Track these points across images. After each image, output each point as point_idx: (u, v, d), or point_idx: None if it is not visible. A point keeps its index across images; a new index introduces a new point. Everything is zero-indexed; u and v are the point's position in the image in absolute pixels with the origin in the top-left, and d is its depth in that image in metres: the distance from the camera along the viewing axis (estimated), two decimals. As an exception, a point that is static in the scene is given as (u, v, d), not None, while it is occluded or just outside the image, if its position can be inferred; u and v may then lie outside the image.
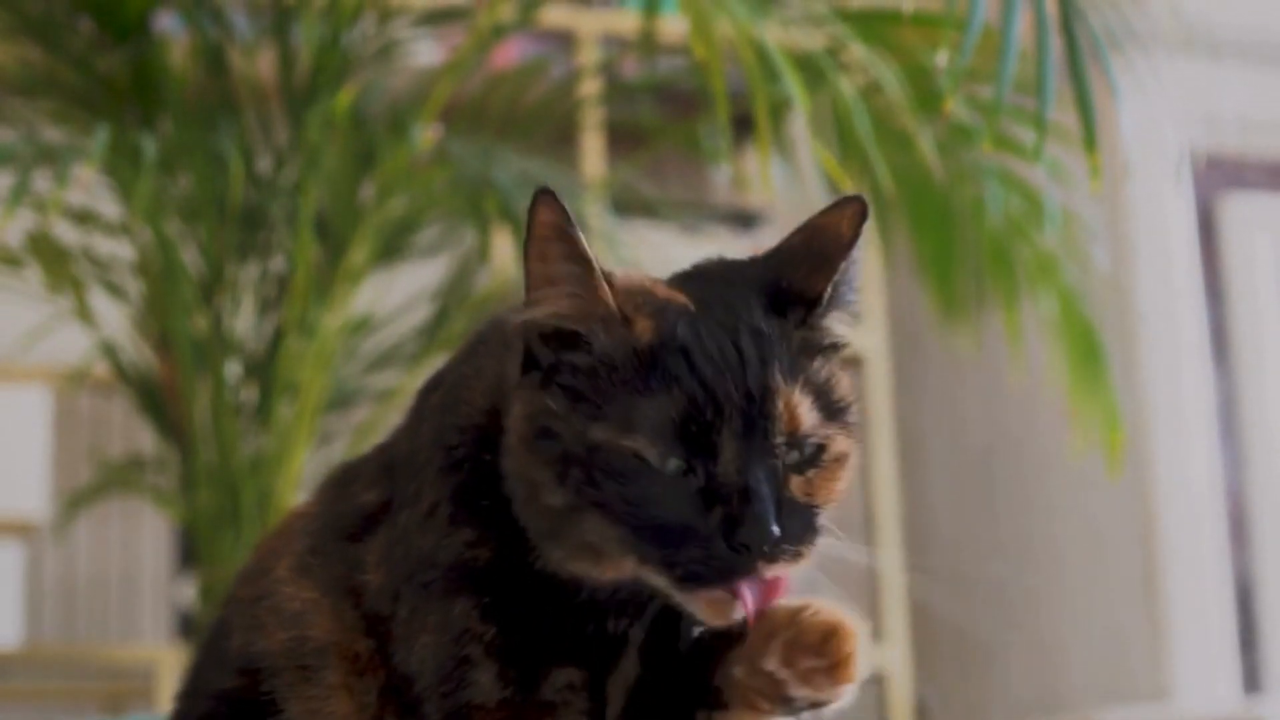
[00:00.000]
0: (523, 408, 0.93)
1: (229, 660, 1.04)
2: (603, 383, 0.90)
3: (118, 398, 3.17)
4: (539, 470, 0.91)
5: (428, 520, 0.98)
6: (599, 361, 0.91)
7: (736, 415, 0.88)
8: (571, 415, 0.90)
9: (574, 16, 3.31)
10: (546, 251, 0.92)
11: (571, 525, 0.91)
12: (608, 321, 0.92)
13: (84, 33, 2.13)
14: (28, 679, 3.38)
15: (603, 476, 0.89)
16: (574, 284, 0.92)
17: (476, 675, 0.94)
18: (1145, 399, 3.38)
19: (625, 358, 0.90)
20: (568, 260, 0.91)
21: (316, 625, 1.01)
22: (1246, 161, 3.74)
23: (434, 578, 0.96)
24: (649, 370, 0.89)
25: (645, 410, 0.88)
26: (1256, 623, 3.54)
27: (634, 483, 0.88)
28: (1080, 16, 1.53)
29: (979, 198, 2.11)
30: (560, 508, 0.91)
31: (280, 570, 1.05)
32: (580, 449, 0.89)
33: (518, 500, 0.94)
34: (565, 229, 0.91)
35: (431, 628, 0.96)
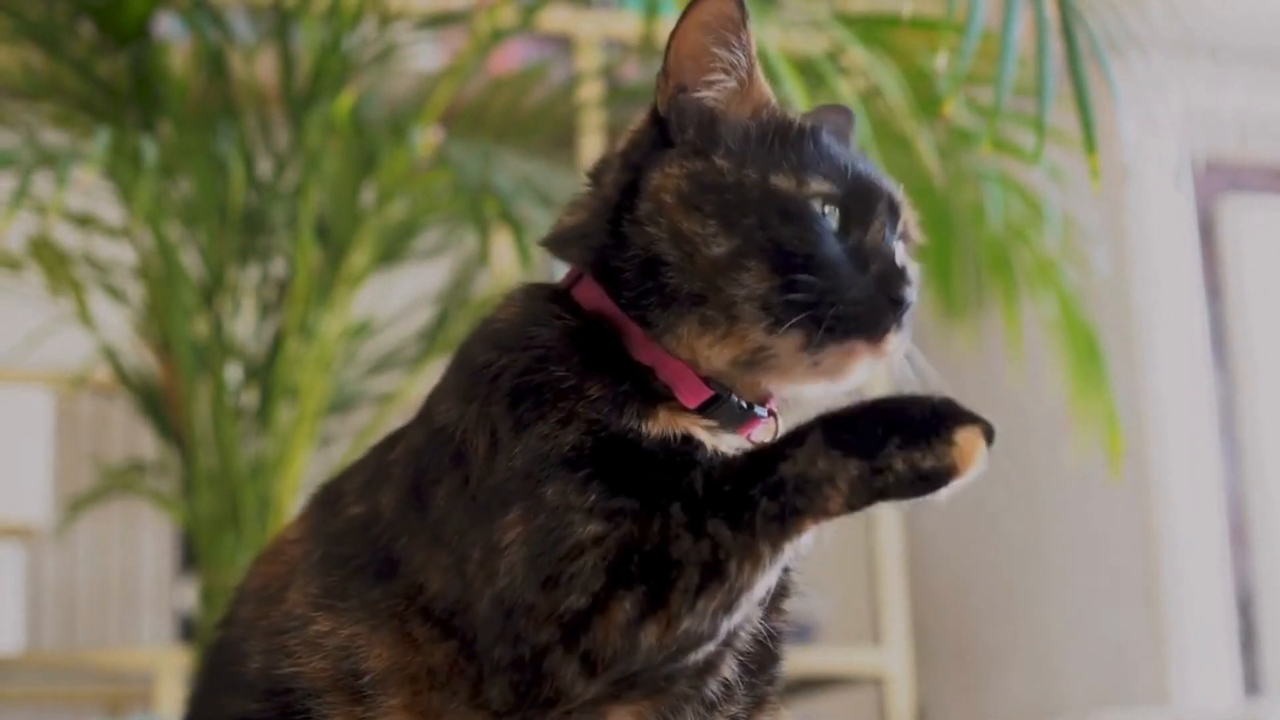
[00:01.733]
0: (679, 170, 0.98)
1: (248, 685, 1.03)
2: (769, 146, 0.98)
3: (118, 401, 3.17)
4: (704, 223, 0.96)
5: (491, 459, 0.96)
6: (766, 130, 0.99)
7: (882, 192, 1.00)
8: (745, 168, 0.97)
9: (574, 20, 3.31)
10: (715, 35, 1.00)
11: (727, 277, 0.95)
12: (769, 108, 1.01)
13: (85, 37, 2.14)
14: (28, 682, 3.37)
15: (780, 220, 0.96)
16: (737, 71, 1.01)
17: (576, 530, 0.92)
18: (1145, 402, 3.38)
19: (785, 132, 0.99)
20: (738, 48, 1.01)
21: (372, 657, 1.00)
22: (1246, 164, 3.74)
23: (511, 488, 0.94)
24: (811, 144, 0.99)
25: (822, 170, 0.98)
26: (1256, 626, 3.54)
27: (810, 228, 0.96)
28: (1079, 20, 1.53)
29: (979, 201, 2.11)
30: (723, 256, 0.96)
31: (295, 602, 1.04)
32: (758, 194, 0.96)
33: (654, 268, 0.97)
34: (735, 19, 0.99)
35: (516, 524, 0.93)
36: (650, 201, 0.98)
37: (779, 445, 0.92)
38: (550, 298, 1.02)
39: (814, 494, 0.90)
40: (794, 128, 1.00)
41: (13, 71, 2.18)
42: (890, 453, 0.89)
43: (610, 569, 0.91)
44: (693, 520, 0.91)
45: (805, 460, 0.90)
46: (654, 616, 0.91)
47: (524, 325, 1.00)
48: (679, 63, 1.00)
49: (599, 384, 0.97)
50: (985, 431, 0.90)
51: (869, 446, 0.89)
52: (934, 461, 0.89)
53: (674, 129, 1.00)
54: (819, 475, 0.90)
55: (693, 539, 0.91)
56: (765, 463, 0.91)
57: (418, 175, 2.16)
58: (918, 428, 0.89)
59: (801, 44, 1.92)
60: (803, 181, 0.97)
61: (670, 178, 0.98)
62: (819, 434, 0.90)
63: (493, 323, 1.03)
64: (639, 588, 0.91)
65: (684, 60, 1.00)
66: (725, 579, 0.91)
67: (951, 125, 1.98)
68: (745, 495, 0.91)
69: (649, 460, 0.95)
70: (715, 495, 0.92)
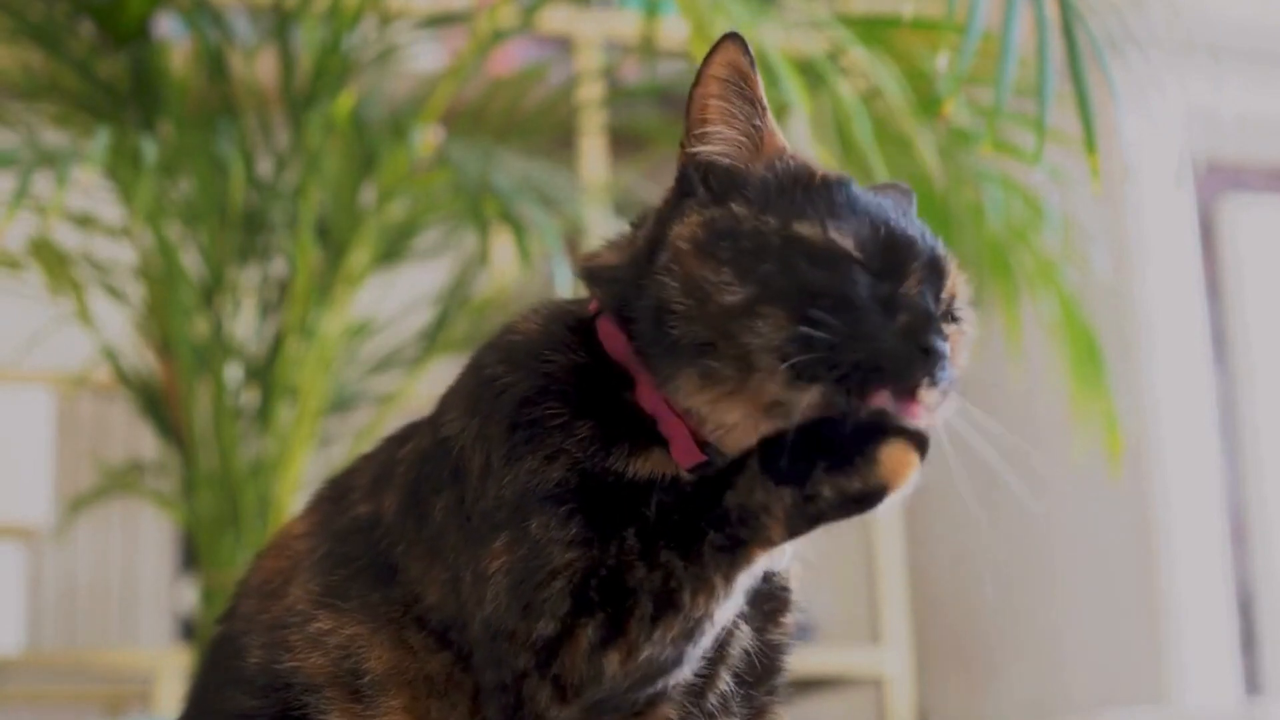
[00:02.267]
0: (696, 218, 0.96)
1: (247, 679, 1.04)
2: (791, 195, 0.96)
3: (119, 401, 3.17)
4: (717, 270, 0.93)
5: (484, 481, 0.97)
6: (783, 180, 0.97)
7: (921, 250, 0.95)
8: (764, 215, 0.94)
9: (574, 21, 3.31)
10: (724, 89, 0.98)
11: (741, 325, 0.91)
12: (785, 156, 0.99)
13: (85, 37, 2.14)
14: (28, 683, 3.37)
15: (804, 264, 0.91)
16: (749, 122, 0.99)
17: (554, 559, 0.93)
18: (1145, 402, 3.38)
19: (809, 183, 0.97)
20: (745, 100, 0.99)
21: (373, 658, 1.00)
22: (1246, 164, 3.74)
23: (500, 518, 0.95)
24: (837, 197, 0.96)
25: (849, 220, 0.94)
26: (1256, 625, 3.54)
27: (835, 271, 0.91)
28: (1080, 20, 1.53)
29: (979, 201, 2.11)
30: (737, 304, 0.92)
31: (297, 598, 1.04)
32: (779, 240, 0.93)
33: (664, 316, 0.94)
34: (744, 70, 0.98)
35: (501, 553, 0.94)
36: (666, 253, 0.96)
37: (726, 472, 0.91)
38: (572, 325, 1.02)
39: (754, 524, 0.89)
40: (817, 177, 0.98)
41: (13, 71, 2.18)
42: (818, 478, 0.87)
43: (574, 594, 0.92)
44: (645, 549, 0.91)
45: (745, 490, 0.89)
46: (614, 644, 0.91)
47: (538, 347, 1.00)
48: (695, 117, 0.99)
49: (589, 425, 0.96)
50: (916, 443, 0.88)
51: (800, 473, 0.88)
52: (860, 484, 0.87)
53: (693, 181, 0.99)
54: (757, 505, 0.89)
55: (646, 568, 0.91)
56: (712, 492, 0.91)
57: (418, 175, 2.16)
58: (845, 448, 0.87)
59: (802, 44, 1.92)
60: (828, 228, 0.93)
61: (688, 225, 0.96)
62: (756, 461, 0.89)
63: (511, 334, 1.03)
64: (599, 614, 0.91)
65: (699, 114, 0.99)
66: (680, 609, 0.91)
67: (952, 126, 1.98)
68: (695, 526, 0.90)
69: (631, 498, 0.95)
70: (667, 525, 0.92)
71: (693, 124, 0.99)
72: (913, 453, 0.87)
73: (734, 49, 0.97)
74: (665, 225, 0.98)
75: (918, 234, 0.96)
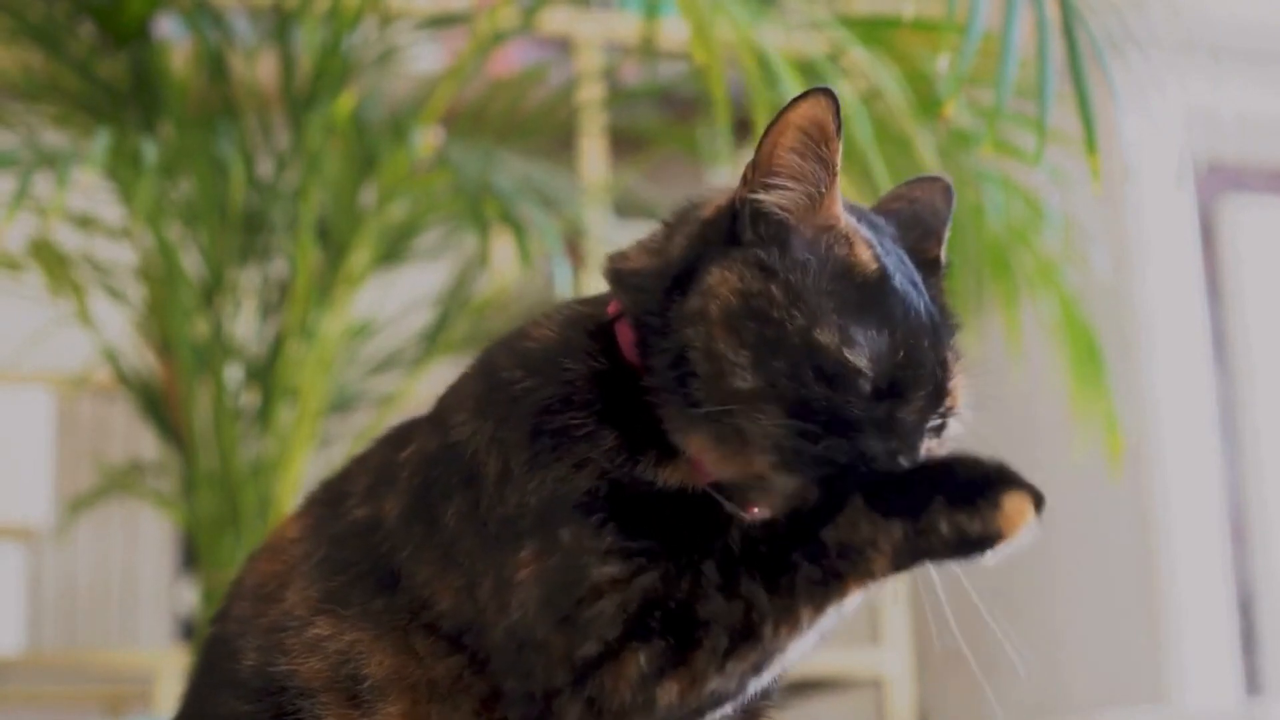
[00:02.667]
0: (736, 281, 0.95)
1: (241, 683, 1.03)
2: (825, 291, 0.94)
3: (119, 402, 3.17)
4: (736, 350, 0.93)
5: (502, 486, 0.96)
6: (820, 268, 0.95)
7: (929, 377, 0.95)
8: (793, 310, 0.93)
9: (574, 22, 3.31)
10: (803, 143, 0.95)
11: (745, 411, 0.92)
12: (834, 235, 0.96)
13: (85, 37, 2.13)
14: (28, 683, 3.37)
15: (813, 377, 0.91)
16: (815, 186, 0.96)
17: (591, 571, 0.92)
18: (1145, 403, 3.38)
19: (847, 278, 0.95)
20: (818, 162, 0.95)
21: (373, 664, 1.00)
22: (1247, 165, 3.74)
23: (525, 525, 0.94)
24: (869, 300, 0.94)
25: (867, 335, 0.93)
26: (1257, 626, 3.54)
27: (839, 391, 0.92)
28: (1080, 20, 1.53)
29: (979, 202, 2.11)
30: (745, 391, 0.92)
31: (294, 602, 1.04)
32: (798, 343, 0.92)
33: (682, 369, 0.94)
34: (828, 131, 0.95)
35: (529, 561, 0.94)
36: (700, 299, 0.95)
37: (817, 511, 0.90)
38: (591, 332, 1.01)
39: (857, 558, 0.89)
40: (858, 274, 0.95)
41: (13, 72, 2.18)
42: (935, 513, 0.88)
43: (629, 620, 0.91)
44: (726, 581, 0.90)
45: (847, 525, 0.89)
46: (674, 674, 0.91)
47: (556, 354, 1.00)
48: (764, 161, 0.96)
49: (614, 434, 0.96)
50: (1035, 499, 0.89)
51: (913, 507, 0.88)
52: (980, 526, 0.88)
53: (743, 225, 0.97)
54: (862, 539, 0.89)
55: (724, 599, 0.90)
56: (804, 528, 0.90)
57: (418, 176, 2.16)
58: (965, 490, 0.88)
59: (802, 45, 1.92)
60: (847, 342, 0.92)
61: (725, 284, 0.95)
62: (859, 499, 0.89)
63: (526, 339, 1.02)
64: (658, 642, 0.91)
65: (769, 160, 0.96)
66: (759, 641, 0.90)
67: (952, 126, 1.98)
68: (785, 559, 0.89)
69: (666, 507, 0.95)
70: (751, 556, 0.90)
71: (760, 167, 0.96)
72: (1031, 507, 0.89)
73: (824, 105, 0.94)
74: (705, 258, 0.97)
75: (933, 346, 0.96)
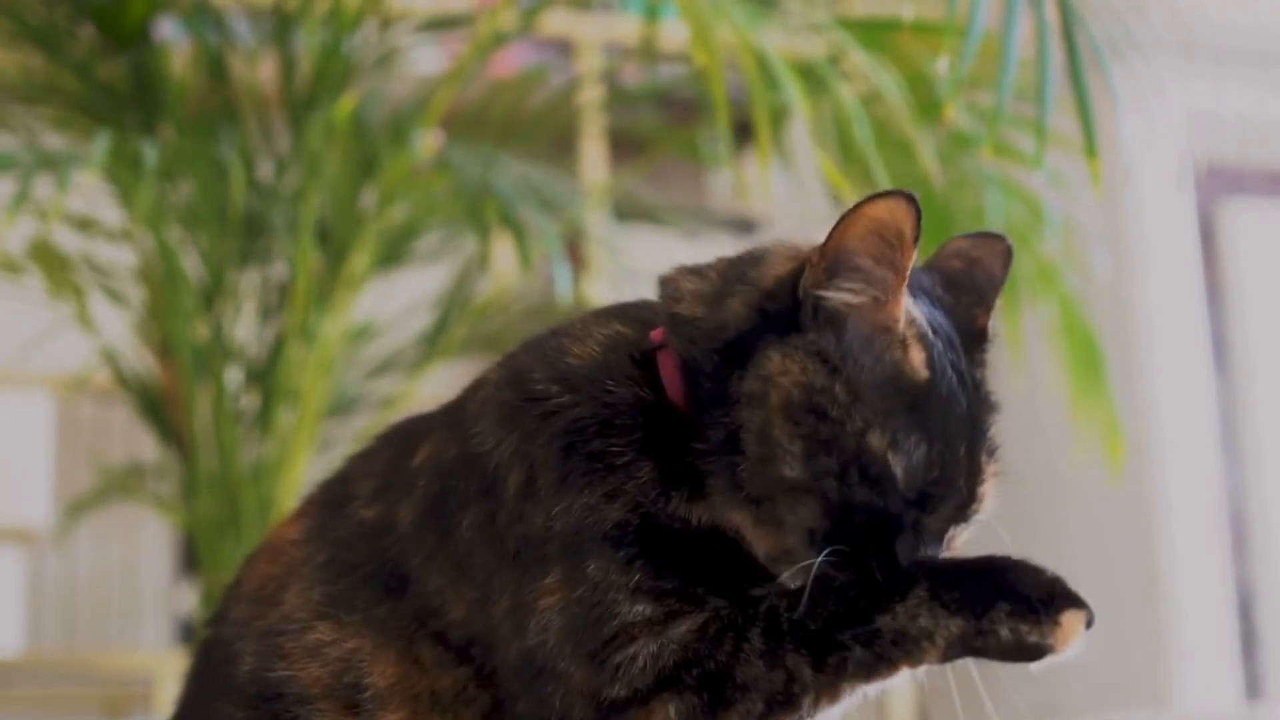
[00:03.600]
0: (798, 374, 0.95)
1: (238, 688, 1.02)
2: (879, 393, 0.94)
3: (119, 404, 3.17)
4: (790, 440, 0.94)
5: (523, 501, 0.96)
6: (873, 368, 0.95)
7: (961, 488, 0.96)
8: (852, 410, 0.93)
9: (574, 24, 3.31)
10: (876, 245, 0.95)
11: (787, 498, 0.93)
12: (891, 337, 0.96)
13: (85, 40, 2.13)
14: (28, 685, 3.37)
15: (858, 479, 0.93)
16: (882, 290, 0.95)
17: (622, 609, 0.92)
18: (1146, 406, 3.38)
19: (897, 383, 0.95)
20: (889, 266, 0.95)
21: (375, 672, 0.99)
22: (1247, 168, 3.74)
23: (550, 550, 0.94)
24: (915, 408, 0.95)
25: (911, 444, 0.94)
26: (1257, 628, 3.54)
27: (882, 497, 0.93)
28: (1081, 23, 1.53)
29: (979, 205, 2.11)
30: (790, 481, 0.93)
31: (295, 605, 1.03)
32: (851, 444, 0.93)
33: (733, 445, 0.95)
34: (905, 238, 0.94)
35: (554, 590, 0.94)
36: (759, 383, 0.95)
37: (877, 596, 0.91)
38: (635, 358, 1.01)
39: (911, 647, 0.91)
40: (907, 380, 0.95)
41: (13, 74, 2.17)
42: (998, 617, 0.91)
43: (663, 672, 0.92)
44: (770, 649, 0.91)
45: (906, 616, 0.91)
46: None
47: (599, 375, 0.99)
48: (835, 256, 0.95)
49: (651, 465, 0.96)
50: (1088, 617, 0.92)
51: (976, 607, 0.90)
52: (1038, 637, 0.91)
53: (806, 315, 0.96)
54: (919, 631, 0.91)
55: (765, 668, 0.91)
56: (860, 610, 0.91)
57: (418, 178, 2.16)
58: (1028, 599, 0.91)
59: (802, 47, 1.92)
60: (895, 449, 0.93)
61: (789, 373, 0.95)
62: (924, 588, 0.91)
63: (565, 354, 1.01)
64: (691, 698, 0.91)
65: (840, 258, 0.95)
66: (796, 711, 0.92)
67: (952, 129, 1.98)
68: (835, 639, 0.91)
69: (697, 547, 0.96)
70: (800, 632, 0.91)
71: (829, 260, 0.96)
72: (1083, 626, 0.92)
73: (905, 211, 0.94)
74: (764, 336, 0.96)
75: (968, 464, 0.97)
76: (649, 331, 1.02)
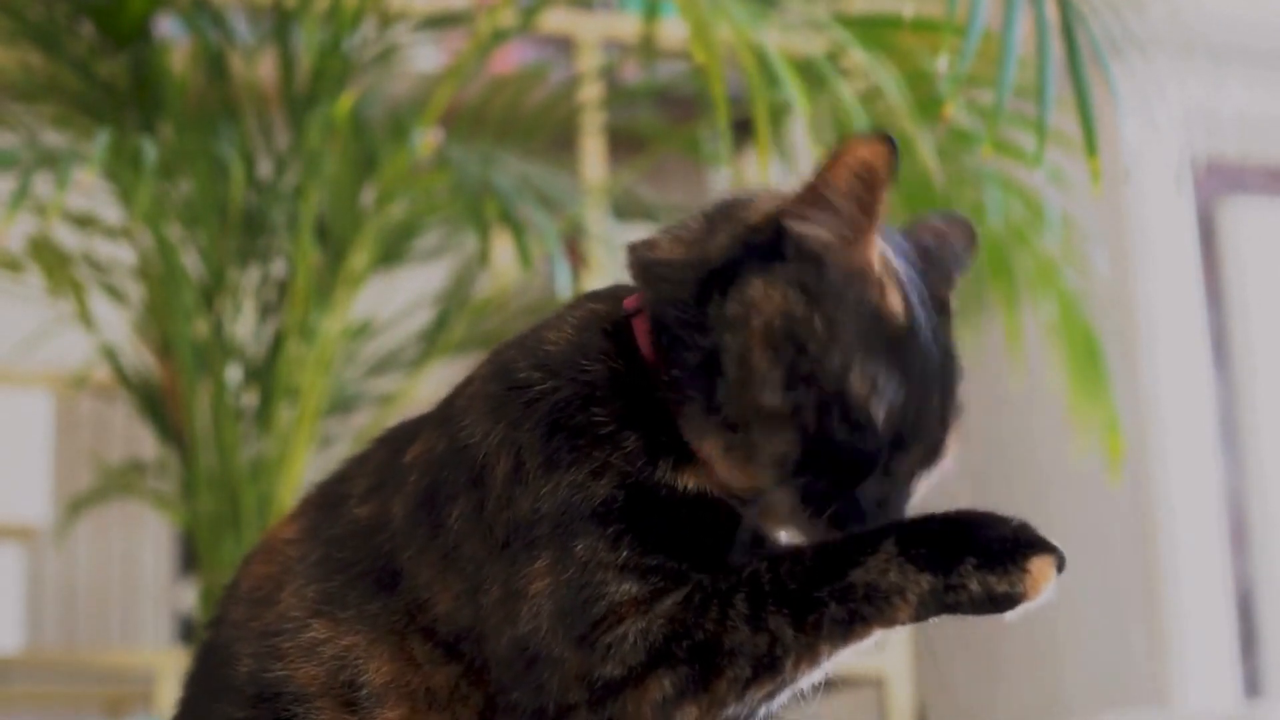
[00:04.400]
0: (779, 300, 0.95)
1: (237, 689, 1.02)
2: (858, 333, 0.95)
3: (118, 402, 3.17)
4: (770, 368, 0.94)
5: (511, 487, 0.96)
6: (853, 308, 0.95)
7: (929, 436, 0.97)
8: (831, 347, 0.94)
9: (574, 21, 3.31)
10: (850, 183, 0.95)
11: (763, 426, 0.94)
12: (869, 278, 0.96)
13: (85, 37, 2.13)
14: (28, 683, 3.38)
15: (837, 418, 0.93)
16: (853, 228, 0.96)
17: (609, 589, 0.93)
18: (1145, 404, 3.38)
19: (876, 325, 0.95)
20: (860, 206, 0.96)
21: (371, 669, 0.99)
22: (1247, 166, 3.74)
23: (539, 533, 0.94)
24: (894, 351, 0.95)
25: (890, 386, 0.95)
26: (1257, 627, 3.54)
27: (859, 438, 0.94)
28: (1080, 21, 1.53)
29: (979, 202, 2.11)
30: (769, 408, 0.94)
31: (290, 604, 1.03)
32: (830, 384, 0.94)
33: (710, 369, 0.96)
34: (879, 177, 0.95)
35: (544, 574, 0.94)
36: (740, 307, 0.96)
37: (849, 549, 0.92)
38: (607, 331, 1.01)
39: (883, 604, 0.91)
40: (887, 323, 0.96)
41: (12, 72, 2.18)
42: (966, 571, 0.90)
43: (653, 648, 0.92)
44: (754, 614, 0.91)
45: (877, 570, 0.91)
46: (695, 699, 0.92)
47: (574, 354, 1.00)
48: (809, 195, 0.97)
49: (636, 434, 0.97)
50: (1058, 561, 0.92)
51: (944, 562, 0.90)
52: (1007, 586, 0.91)
53: (787, 246, 0.97)
54: (889, 587, 0.90)
55: (750, 632, 0.91)
56: (835, 565, 0.91)
57: (418, 176, 2.16)
58: (994, 550, 0.91)
59: (801, 45, 1.92)
60: (874, 394, 0.94)
61: (769, 300, 0.95)
62: (893, 544, 0.91)
63: (542, 341, 1.01)
64: (683, 669, 0.92)
65: (813, 190, 0.97)
66: (779, 674, 0.92)
67: (952, 127, 1.98)
68: (812, 596, 0.91)
69: (685, 513, 0.96)
70: (780, 591, 0.92)
71: (806, 194, 0.97)
72: (1054, 570, 0.92)
73: (880, 152, 0.95)
74: (746, 264, 0.97)
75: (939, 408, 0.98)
76: (622, 304, 1.03)
